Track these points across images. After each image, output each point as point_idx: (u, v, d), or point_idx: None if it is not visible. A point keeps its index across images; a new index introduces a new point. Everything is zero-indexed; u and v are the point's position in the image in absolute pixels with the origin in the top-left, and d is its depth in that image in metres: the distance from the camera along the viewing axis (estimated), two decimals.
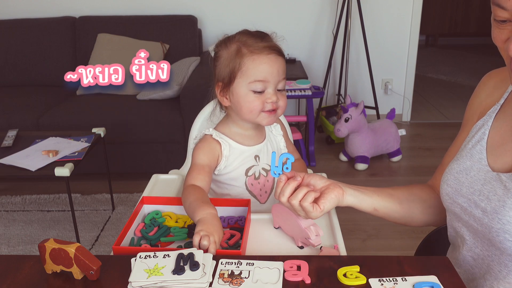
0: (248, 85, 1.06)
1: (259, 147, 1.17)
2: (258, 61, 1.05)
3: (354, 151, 2.93)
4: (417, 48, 3.62)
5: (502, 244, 0.77)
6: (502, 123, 0.87)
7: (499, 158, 0.84)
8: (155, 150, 2.79)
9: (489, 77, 0.96)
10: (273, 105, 1.07)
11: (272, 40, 1.09)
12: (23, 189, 2.78)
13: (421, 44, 3.85)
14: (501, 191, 0.78)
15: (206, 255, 0.83)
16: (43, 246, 0.81)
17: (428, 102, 4.26)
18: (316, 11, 3.49)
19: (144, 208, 1.08)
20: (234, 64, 1.06)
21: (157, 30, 3.23)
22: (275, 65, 1.06)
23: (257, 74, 1.05)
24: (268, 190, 1.19)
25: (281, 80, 1.08)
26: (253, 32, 1.09)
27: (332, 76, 3.59)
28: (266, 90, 1.07)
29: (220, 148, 1.13)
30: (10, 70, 3.26)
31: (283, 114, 1.17)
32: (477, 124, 0.91)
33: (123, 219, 2.46)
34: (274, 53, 1.06)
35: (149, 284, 0.77)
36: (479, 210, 0.81)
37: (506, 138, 0.84)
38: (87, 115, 2.77)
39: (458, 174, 0.88)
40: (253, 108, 1.07)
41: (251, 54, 1.05)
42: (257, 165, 1.16)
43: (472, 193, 0.84)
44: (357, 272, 0.80)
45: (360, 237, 2.26)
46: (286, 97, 1.12)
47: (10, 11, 3.38)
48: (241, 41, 1.06)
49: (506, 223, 0.76)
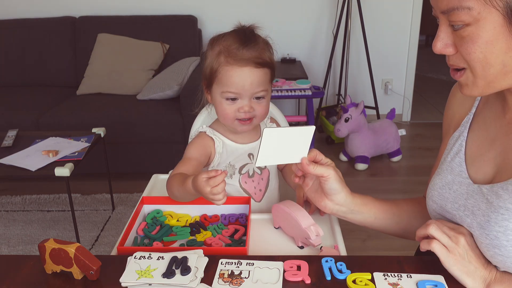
0: (221, 94, 1.06)
1: (253, 145, 1.16)
2: (231, 73, 1.03)
3: (354, 151, 2.93)
4: (417, 48, 3.62)
5: (493, 258, 0.75)
6: (477, 133, 0.85)
7: (479, 169, 0.82)
8: (155, 150, 2.80)
9: (456, 88, 0.95)
10: (246, 115, 1.06)
11: (257, 48, 1.04)
12: (23, 189, 2.78)
13: (421, 44, 3.85)
14: (484, 205, 0.77)
15: (201, 259, 0.83)
16: (43, 246, 0.81)
17: (428, 102, 4.26)
18: (316, 11, 3.49)
19: (144, 208, 1.08)
20: (213, 68, 1.06)
21: (157, 30, 3.23)
22: (249, 78, 1.03)
23: (228, 85, 1.04)
24: (262, 189, 1.18)
25: (258, 92, 1.05)
26: (240, 35, 1.05)
27: (332, 76, 3.59)
28: (239, 100, 1.05)
29: (213, 144, 1.13)
30: (10, 70, 3.26)
31: (262, 121, 1.15)
32: (453, 136, 0.90)
33: (123, 219, 2.46)
34: (249, 65, 1.03)
35: (138, 285, 0.77)
36: (465, 225, 0.80)
37: (483, 148, 0.83)
38: (87, 115, 2.77)
39: (441, 189, 0.86)
40: (226, 116, 1.07)
41: (226, 64, 1.03)
42: (251, 163, 1.16)
43: (457, 208, 0.82)
44: (367, 279, 0.79)
45: (360, 237, 2.26)
46: (266, 106, 1.10)
47: (10, 11, 3.38)
48: (224, 45, 1.04)
49: (493, 238, 0.74)
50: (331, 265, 0.82)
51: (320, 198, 0.94)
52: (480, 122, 0.86)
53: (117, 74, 3.07)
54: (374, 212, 0.96)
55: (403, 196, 2.44)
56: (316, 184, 0.94)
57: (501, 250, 0.74)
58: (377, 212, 0.97)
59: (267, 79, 1.07)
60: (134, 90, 3.02)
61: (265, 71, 1.06)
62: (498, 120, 0.82)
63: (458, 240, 0.77)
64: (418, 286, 0.77)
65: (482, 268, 0.76)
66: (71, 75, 3.28)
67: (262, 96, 1.07)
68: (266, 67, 1.06)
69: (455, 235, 0.77)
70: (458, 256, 0.76)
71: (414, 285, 0.77)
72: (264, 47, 1.06)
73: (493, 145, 0.82)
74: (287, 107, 3.68)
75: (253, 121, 1.09)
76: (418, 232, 0.82)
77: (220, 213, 1.07)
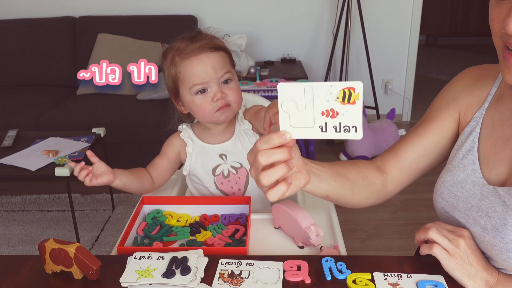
0: (189, 91, 1.06)
1: (224, 145, 1.16)
2: (191, 66, 1.04)
3: (354, 151, 2.93)
4: (417, 48, 3.61)
5: (506, 262, 0.74)
6: (491, 130, 0.83)
7: (494, 169, 0.80)
8: (155, 150, 2.78)
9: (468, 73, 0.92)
10: (222, 102, 1.06)
11: (205, 38, 1.06)
12: (23, 189, 2.78)
13: (421, 44, 3.85)
14: (501, 208, 0.75)
15: (201, 259, 0.83)
16: (43, 246, 0.81)
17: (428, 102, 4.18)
18: (316, 11, 3.49)
19: (144, 208, 1.08)
20: (172, 74, 1.06)
21: (157, 30, 3.23)
22: (209, 63, 1.04)
23: (193, 78, 1.04)
24: (242, 188, 1.17)
25: (223, 75, 1.06)
26: (185, 36, 1.08)
27: (332, 76, 3.59)
28: (209, 89, 1.05)
29: (184, 146, 1.16)
30: (10, 70, 3.26)
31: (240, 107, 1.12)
32: (465, 131, 0.86)
33: (123, 219, 2.46)
34: (204, 52, 1.04)
35: (138, 285, 0.77)
36: (478, 227, 0.78)
37: (498, 147, 0.80)
38: (87, 115, 2.76)
39: (453, 187, 0.83)
40: (204, 111, 1.07)
41: (182, 60, 1.04)
42: (224, 163, 1.15)
43: (469, 208, 0.80)
44: (367, 279, 0.79)
45: (360, 237, 2.25)
46: (237, 89, 1.09)
47: (10, 11, 3.38)
48: (174, 49, 1.06)
49: (509, 242, 0.72)
50: (331, 265, 0.82)
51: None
52: (495, 119, 0.83)
53: None
54: (331, 174, 0.84)
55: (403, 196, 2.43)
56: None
57: None
58: (333, 175, 0.85)
59: (226, 61, 1.08)
60: (134, 90, 3.02)
61: (221, 54, 1.07)
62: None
63: (458, 243, 0.76)
64: (418, 286, 0.77)
65: (483, 271, 0.75)
66: (71, 75, 3.28)
67: (229, 79, 1.07)
68: (221, 50, 1.07)
69: (455, 238, 0.76)
70: (459, 259, 0.75)
71: (414, 285, 0.77)
72: (212, 37, 1.08)
73: (508, 144, 0.80)
74: None
75: (230, 107, 1.08)
76: (417, 236, 0.81)
77: (220, 213, 1.07)
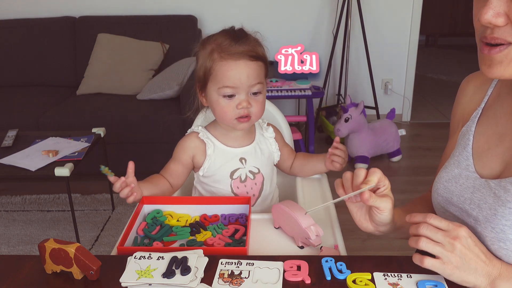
0: (218, 91, 1.05)
1: (245, 149, 1.16)
2: (226, 67, 1.03)
3: (354, 151, 2.93)
4: (417, 48, 3.62)
5: (497, 252, 0.75)
6: (486, 128, 0.85)
7: (486, 164, 0.82)
8: (155, 150, 2.79)
9: (466, 82, 0.94)
10: (244, 111, 1.06)
11: (249, 43, 1.05)
12: (23, 189, 2.79)
13: (421, 44, 3.85)
14: (491, 199, 0.76)
15: (201, 259, 0.83)
16: (43, 246, 0.81)
17: (428, 102, 4.26)
18: (316, 11, 3.49)
19: (144, 208, 1.08)
20: (206, 67, 1.06)
21: (157, 30, 3.23)
22: (244, 71, 1.03)
23: (225, 80, 1.04)
24: (256, 194, 1.17)
25: (254, 85, 1.05)
26: (231, 33, 1.06)
27: (332, 76, 3.59)
28: (236, 96, 1.05)
29: (204, 147, 1.14)
30: (10, 70, 3.26)
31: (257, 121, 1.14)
32: (462, 131, 0.89)
33: (123, 219, 2.46)
34: (244, 58, 1.03)
35: (138, 285, 0.77)
36: (471, 219, 0.79)
37: (491, 143, 0.82)
38: (87, 115, 2.77)
39: (447, 182, 0.85)
40: (225, 114, 1.07)
41: (220, 59, 1.03)
42: (243, 168, 1.15)
43: (462, 201, 0.81)
44: (367, 279, 0.78)
45: (360, 237, 2.25)
46: (263, 102, 1.09)
47: (10, 11, 3.38)
48: (216, 43, 1.05)
49: (499, 231, 0.74)
50: (331, 265, 0.82)
51: (364, 219, 0.88)
52: (490, 116, 0.85)
53: (117, 74, 3.07)
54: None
55: (403, 196, 2.44)
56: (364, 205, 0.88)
57: (506, 244, 0.74)
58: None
59: (262, 73, 1.07)
60: (134, 90, 3.02)
61: (259, 64, 1.06)
62: (510, 115, 0.82)
63: (454, 248, 0.73)
64: (418, 286, 0.77)
65: (484, 265, 0.74)
66: (71, 75, 3.28)
67: (259, 91, 1.07)
68: (260, 61, 1.06)
69: (450, 241, 0.73)
70: (454, 264, 0.73)
71: (414, 285, 0.77)
72: (255, 42, 1.07)
73: (502, 140, 0.81)
74: (287, 107, 3.68)
75: (251, 119, 1.08)
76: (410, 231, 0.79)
77: (220, 213, 1.07)
